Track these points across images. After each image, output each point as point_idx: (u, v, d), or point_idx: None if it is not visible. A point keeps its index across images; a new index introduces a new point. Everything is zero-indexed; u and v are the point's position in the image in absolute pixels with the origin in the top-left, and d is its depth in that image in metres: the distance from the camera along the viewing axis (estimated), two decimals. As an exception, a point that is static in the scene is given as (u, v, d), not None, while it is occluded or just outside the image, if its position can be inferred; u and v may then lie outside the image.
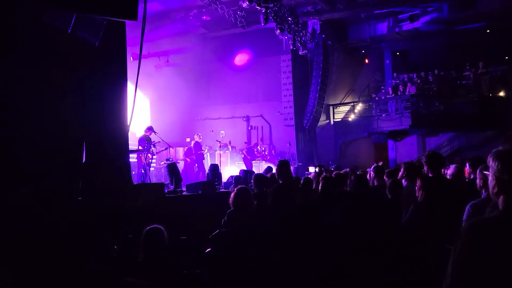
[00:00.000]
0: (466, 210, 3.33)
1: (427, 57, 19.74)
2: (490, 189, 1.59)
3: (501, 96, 17.31)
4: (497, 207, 1.56)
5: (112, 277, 3.87)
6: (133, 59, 11.11)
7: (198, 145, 13.42)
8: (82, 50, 4.80)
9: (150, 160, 10.26)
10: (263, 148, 16.99)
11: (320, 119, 18.03)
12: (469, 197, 3.88)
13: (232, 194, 4.42)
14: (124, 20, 5.04)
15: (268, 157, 16.30)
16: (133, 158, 10.02)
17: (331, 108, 19.12)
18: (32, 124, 4.30)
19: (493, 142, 16.62)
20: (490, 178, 1.59)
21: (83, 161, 5.01)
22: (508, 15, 15.91)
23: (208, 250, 4.22)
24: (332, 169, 10.18)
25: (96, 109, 5.27)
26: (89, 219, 4.70)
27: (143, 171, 9.72)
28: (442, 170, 5.66)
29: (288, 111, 17.17)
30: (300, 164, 16.12)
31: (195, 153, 13.31)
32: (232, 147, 15.80)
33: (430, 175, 4.30)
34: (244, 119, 18.47)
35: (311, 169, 9.06)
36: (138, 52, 5.73)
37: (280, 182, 5.05)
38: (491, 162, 1.58)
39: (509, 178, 1.51)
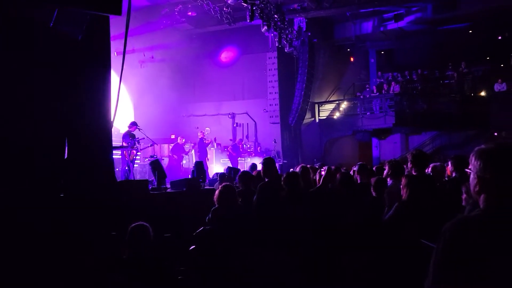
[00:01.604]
0: None
1: (411, 56, 19.98)
2: (472, 187, 1.60)
3: (483, 96, 17.64)
4: (477, 206, 1.58)
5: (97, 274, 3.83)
6: (117, 54, 10.94)
7: (202, 142, 13.38)
8: (64, 44, 4.70)
9: (134, 157, 10.16)
10: (248, 145, 16.99)
11: (306, 117, 18.11)
12: (451, 195, 3.95)
13: (217, 192, 4.41)
14: (108, 15, 4.96)
15: (253, 154, 16.31)
16: (117, 154, 9.91)
17: (316, 106, 19.22)
18: (11, 121, 4.21)
19: (474, 141, 16.94)
20: (471, 176, 1.60)
21: (65, 157, 4.92)
22: (490, 17, 16.22)
23: (192, 247, 4.21)
24: (317, 166, 10.22)
25: (78, 104, 5.18)
26: (72, 216, 4.63)
27: (127, 168, 9.62)
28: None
29: (274, 109, 17.18)
30: (285, 161, 16.16)
31: (199, 150, 13.26)
32: (218, 144, 15.75)
33: (414, 173, 4.35)
34: (229, 116, 18.42)
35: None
36: (122, 47, 5.65)
37: (266, 180, 5.04)
38: (473, 161, 1.59)
39: (491, 177, 1.52)
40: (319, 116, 19.30)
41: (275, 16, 14.15)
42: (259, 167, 7.26)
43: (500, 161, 1.52)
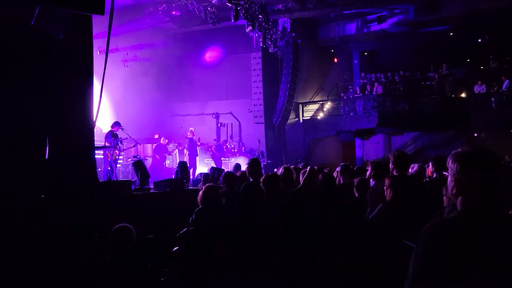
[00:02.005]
0: None
1: (393, 57, 20.24)
2: (449, 190, 1.64)
3: (463, 97, 17.97)
4: (456, 208, 1.62)
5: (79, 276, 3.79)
6: (100, 53, 10.84)
7: (192, 142, 13.32)
8: (45, 43, 4.64)
9: (117, 157, 10.06)
10: (233, 145, 16.97)
11: (290, 117, 18.18)
12: (432, 196, 4.01)
13: (200, 192, 4.40)
14: (91, 14, 4.91)
15: (237, 154, 16.29)
16: (99, 154, 9.80)
17: (300, 106, 19.31)
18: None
19: (454, 142, 17.27)
20: (449, 179, 1.64)
21: (46, 158, 4.85)
22: (470, 20, 16.53)
23: (175, 248, 4.19)
24: (301, 166, 10.27)
25: (60, 103, 5.11)
26: (53, 217, 4.56)
27: (109, 168, 9.52)
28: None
29: (258, 109, 17.20)
30: (269, 161, 16.19)
31: (190, 149, 13.21)
32: (202, 144, 15.69)
33: (395, 174, 4.41)
34: (213, 116, 18.36)
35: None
36: (105, 46, 5.59)
37: (251, 180, 5.05)
38: (450, 164, 1.63)
39: (467, 179, 1.56)
40: (303, 116, 19.39)
41: (260, 16, 14.18)
42: (243, 167, 7.26)
43: (475, 164, 1.57)
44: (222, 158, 14.83)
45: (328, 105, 19.43)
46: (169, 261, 4.12)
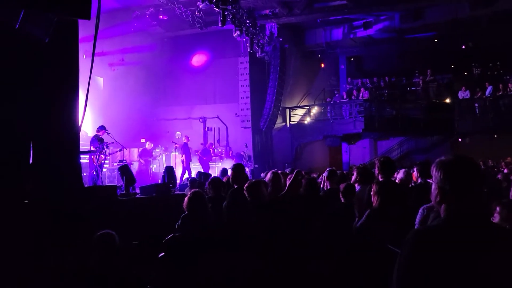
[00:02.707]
0: (420, 212, 3.47)
1: (379, 63, 20.47)
2: (433, 198, 1.67)
3: (447, 103, 18.24)
4: (439, 215, 1.64)
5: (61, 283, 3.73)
6: (86, 56, 10.74)
7: (186, 146, 13.27)
8: (30, 47, 4.59)
9: (102, 161, 9.96)
10: (220, 150, 16.94)
11: (277, 122, 18.22)
12: (417, 201, 4.05)
13: (186, 198, 4.36)
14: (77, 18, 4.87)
15: (225, 158, 16.26)
16: (85, 159, 9.69)
17: (287, 111, 19.37)
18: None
19: (439, 147, 17.51)
20: (433, 187, 1.67)
21: (30, 162, 4.79)
22: (455, 27, 16.82)
23: (161, 254, 4.16)
24: (288, 171, 10.28)
25: (45, 107, 5.06)
26: (36, 223, 4.50)
27: (95, 173, 9.41)
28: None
29: (245, 113, 17.22)
30: (256, 166, 16.19)
31: (184, 153, 13.14)
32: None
33: (380, 179, 4.44)
34: (200, 120, 18.32)
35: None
36: (91, 50, 5.55)
37: (236, 187, 5.01)
38: (434, 172, 1.66)
39: (450, 187, 1.59)
40: (290, 121, 19.45)
41: (247, 21, 14.21)
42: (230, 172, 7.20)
43: (458, 173, 1.60)
44: (210, 162, 14.79)
45: (315, 110, 19.52)
46: (155, 267, 4.09)
